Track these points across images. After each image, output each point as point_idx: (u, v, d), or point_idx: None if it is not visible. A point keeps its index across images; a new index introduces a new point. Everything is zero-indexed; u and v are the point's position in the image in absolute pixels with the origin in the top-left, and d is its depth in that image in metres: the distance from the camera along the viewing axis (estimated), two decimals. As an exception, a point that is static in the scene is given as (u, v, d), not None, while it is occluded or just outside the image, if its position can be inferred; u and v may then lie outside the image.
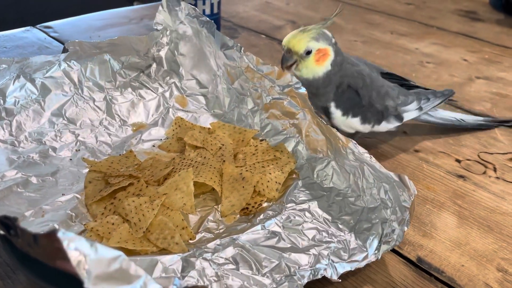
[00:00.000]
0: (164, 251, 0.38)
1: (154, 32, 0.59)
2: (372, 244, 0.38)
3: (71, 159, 0.49)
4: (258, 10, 0.98)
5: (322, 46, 0.48)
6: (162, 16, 0.58)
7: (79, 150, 0.50)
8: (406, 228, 0.38)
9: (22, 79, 0.52)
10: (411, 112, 0.53)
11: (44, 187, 0.44)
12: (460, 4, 1.07)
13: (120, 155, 0.49)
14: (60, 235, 0.22)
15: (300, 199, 0.44)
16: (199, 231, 0.41)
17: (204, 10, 0.75)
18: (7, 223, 0.26)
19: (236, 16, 0.95)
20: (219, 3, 0.77)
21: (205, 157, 0.47)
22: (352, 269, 0.36)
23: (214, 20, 0.74)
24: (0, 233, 0.29)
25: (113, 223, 0.40)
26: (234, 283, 0.35)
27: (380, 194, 0.41)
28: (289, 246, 0.39)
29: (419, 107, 0.53)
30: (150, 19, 0.89)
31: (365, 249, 0.38)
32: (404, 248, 0.41)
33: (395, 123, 0.52)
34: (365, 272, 0.38)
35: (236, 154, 0.49)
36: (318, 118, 0.47)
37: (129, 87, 0.57)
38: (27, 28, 0.82)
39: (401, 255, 0.40)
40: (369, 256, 0.37)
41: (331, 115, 0.50)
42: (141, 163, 0.47)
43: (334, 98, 0.49)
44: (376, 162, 0.42)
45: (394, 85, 0.53)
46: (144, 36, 0.59)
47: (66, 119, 0.52)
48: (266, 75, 0.51)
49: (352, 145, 0.43)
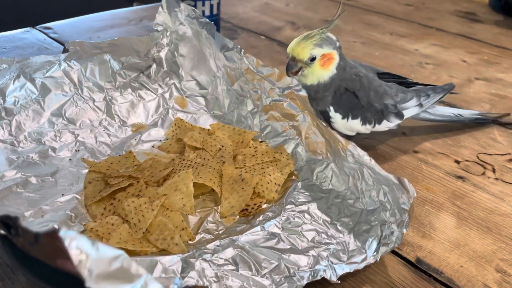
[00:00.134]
0: (163, 252, 0.38)
1: (154, 33, 0.59)
2: (371, 246, 0.38)
3: (70, 160, 0.49)
4: (258, 11, 0.98)
5: (326, 51, 0.48)
6: (162, 17, 0.59)
7: (78, 151, 0.50)
8: (405, 230, 0.38)
9: (22, 79, 0.52)
10: (411, 109, 0.53)
11: (44, 188, 0.44)
12: (459, 5, 1.08)
13: (119, 155, 0.49)
14: (61, 234, 0.23)
15: (300, 200, 0.44)
16: (199, 232, 0.41)
17: (203, 11, 0.75)
18: (8, 222, 0.26)
19: (236, 17, 0.95)
20: (219, 4, 0.77)
21: (204, 158, 0.47)
22: (351, 270, 0.37)
23: (214, 21, 0.74)
24: (0, 233, 0.29)
25: (112, 224, 0.40)
26: (233, 284, 0.35)
27: (379, 196, 0.41)
28: (288, 247, 0.39)
29: (419, 104, 0.53)
30: (149, 20, 0.89)
31: (364, 250, 0.38)
32: (403, 249, 0.41)
33: (396, 121, 0.52)
34: (364, 273, 0.38)
35: (235, 155, 0.49)
36: (318, 120, 0.47)
37: (129, 87, 0.57)
38: (27, 29, 0.82)
39: (400, 256, 0.40)
40: (368, 257, 0.38)
41: (331, 120, 0.50)
42: (140, 164, 0.47)
43: (332, 102, 0.49)
44: (376, 165, 0.42)
45: (392, 83, 0.53)
46: (144, 37, 0.59)
47: (65, 119, 0.52)
48: (266, 77, 0.51)
49: (352, 147, 0.43)
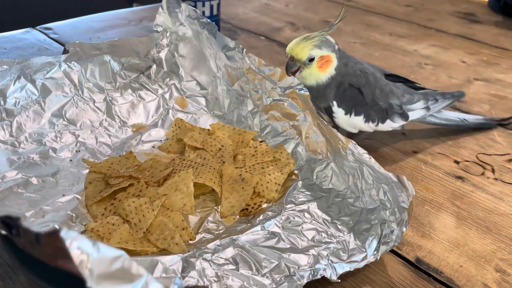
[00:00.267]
0: (164, 252, 0.38)
1: (154, 34, 0.59)
2: (371, 244, 0.39)
3: (71, 160, 0.49)
4: (258, 12, 0.98)
5: (325, 53, 0.48)
6: (162, 18, 0.59)
7: (79, 151, 0.50)
8: (405, 229, 0.38)
9: (22, 80, 0.52)
10: (417, 111, 0.52)
11: (45, 188, 0.44)
12: (458, 6, 1.08)
13: (120, 156, 0.49)
14: (62, 234, 0.23)
15: (300, 200, 0.44)
16: (199, 231, 0.41)
17: (203, 12, 0.76)
18: (9, 222, 0.27)
19: (236, 18, 0.95)
20: (219, 5, 0.78)
21: (204, 158, 0.47)
22: (351, 269, 0.37)
23: (214, 22, 0.74)
24: (1, 233, 0.29)
25: (113, 224, 0.40)
26: (234, 283, 0.35)
27: (379, 195, 0.41)
28: (288, 246, 0.39)
29: (426, 107, 0.53)
30: (149, 21, 0.89)
31: (364, 249, 0.38)
32: (403, 249, 0.41)
33: (400, 121, 0.51)
34: (364, 272, 0.39)
35: (235, 155, 0.49)
36: (319, 119, 0.47)
37: (129, 88, 0.57)
38: (27, 29, 0.82)
39: (400, 256, 0.41)
40: (368, 256, 0.38)
41: (333, 115, 0.50)
42: (141, 164, 0.47)
43: (335, 97, 0.49)
44: (375, 163, 0.42)
45: (400, 84, 0.53)
46: (144, 37, 0.59)
47: (66, 120, 0.52)
48: (267, 76, 0.51)
49: (352, 145, 0.44)
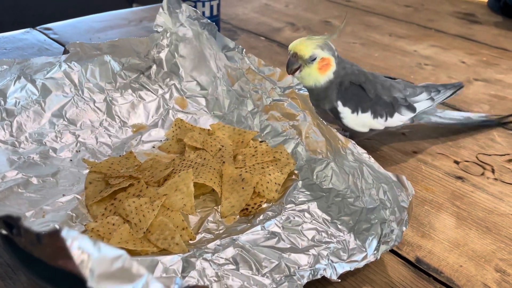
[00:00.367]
0: (164, 252, 0.38)
1: (155, 34, 0.59)
2: (371, 244, 0.39)
3: (71, 160, 0.49)
4: (258, 12, 0.99)
5: (326, 55, 0.49)
6: (163, 18, 0.59)
7: (79, 151, 0.50)
8: (405, 228, 0.38)
9: (23, 80, 0.52)
10: (422, 102, 0.52)
11: (45, 188, 0.44)
12: (458, 7, 1.08)
13: (120, 156, 0.49)
14: (63, 233, 0.23)
15: (300, 200, 0.44)
16: (199, 231, 0.41)
17: (203, 12, 0.76)
18: (10, 222, 0.27)
19: (236, 18, 0.95)
20: (219, 5, 0.78)
21: (205, 158, 0.47)
22: (351, 269, 0.37)
23: (214, 22, 0.75)
24: (2, 232, 0.29)
25: (113, 224, 0.40)
26: (234, 283, 0.35)
27: (379, 194, 0.41)
28: (288, 246, 0.39)
29: (430, 98, 0.53)
30: (149, 21, 0.89)
31: (364, 249, 0.38)
32: (403, 249, 0.41)
33: (408, 114, 0.51)
34: (364, 272, 0.39)
35: (235, 155, 0.49)
36: (319, 119, 0.47)
37: (129, 88, 0.57)
38: (27, 29, 0.82)
39: (400, 256, 0.41)
40: (368, 256, 0.38)
41: (340, 115, 0.50)
42: (141, 164, 0.48)
43: (338, 97, 0.49)
44: (375, 163, 0.42)
45: (399, 79, 0.53)
46: (145, 38, 0.59)
47: (66, 120, 0.52)
48: (267, 76, 0.51)
49: (351, 145, 0.44)
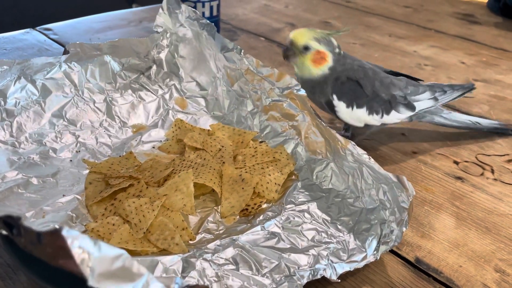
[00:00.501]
0: (164, 252, 0.38)
1: (155, 34, 0.59)
2: (371, 244, 0.39)
3: (71, 160, 0.49)
4: (257, 13, 0.99)
5: (322, 49, 0.49)
6: (163, 19, 0.59)
7: (79, 151, 0.50)
8: (405, 229, 0.38)
9: (23, 80, 0.52)
10: (423, 102, 0.51)
11: (45, 188, 0.45)
12: (458, 7, 1.08)
13: (120, 156, 0.49)
14: (64, 233, 0.23)
15: (300, 200, 0.44)
16: (199, 232, 0.41)
17: (203, 13, 0.76)
18: (10, 222, 0.27)
19: (235, 18, 0.95)
20: (219, 6, 0.78)
21: (204, 158, 0.47)
22: (351, 269, 0.37)
23: (214, 23, 0.75)
24: (2, 233, 0.29)
25: (113, 224, 0.40)
26: (234, 283, 0.35)
27: (379, 195, 0.41)
28: (288, 246, 0.39)
29: (434, 97, 0.52)
30: (149, 22, 0.89)
31: (364, 249, 0.38)
32: (403, 249, 0.41)
33: (406, 112, 0.51)
34: (364, 272, 0.39)
35: (235, 155, 0.49)
36: (318, 119, 0.47)
37: (129, 88, 0.57)
38: (27, 30, 0.82)
39: (399, 256, 0.41)
40: (368, 256, 0.38)
41: (335, 109, 0.50)
42: (141, 165, 0.48)
43: (334, 91, 0.49)
44: (375, 163, 0.42)
45: (402, 77, 0.52)
46: (145, 38, 0.59)
47: (66, 120, 0.52)
48: (266, 77, 0.51)
49: (351, 146, 0.44)
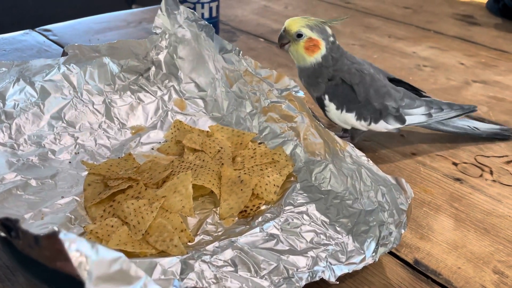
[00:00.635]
0: (163, 254, 0.38)
1: (153, 36, 0.59)
2: (369, 246, 0.39)
3: (70, 162, 0.49)
4: (257, 14, 0.99)
5: (314, 36, 0.49)
6: (161, 20, 0.59)
7: (78, 153, 0.50)
8: (403, 231, 0.38)
9: (21, 82, 0.52)
10: (416, 116, 0.51)
11: (44, 190, 0.45)
12: (457, 8, 1.08)
13: (119, 158, 0.49)
14: (61, 236, 0.23)
15: (298, 201, 0.44)
16: (198, 233, 0.41)
17: (202, 14, 0.76)
18: (8, 224, 0.27)
19: (235, 19, 0.95)
20: (218, 7, 0.78)
21: (203, 160, 0.47)
22: (350, 271, 0.37)
23: (213, 24, 0.75)
24: (0, 235, 0.29)
25: (112, 226, 0.40)
26: (232, 285, 0.35)
27: (377, 197, 0.41)
28: (287, 248, 0.39)
29: (428, 114, 0.51)
30: (148, 23, 0.89)
31: (362, 251, 0.38)
32: (401, 251, 0.41)
33: (395, 124, 0.51)
34: (362, 274, 0.39)
35: (234, 157, 0.49)
36: (316, 121, 0.47)
37: (128, 90, 0.57)
38: (26, 31, 0.82)
39: (398, 258, 0.41)
40: (366, 258, 0.38)
41: (325, 108, 0.51)
42: (140, 166, 0.48)
43: (327, 91, 0.50)
44: (374, 165, 0.42)
45: (402, 88, 0.52)
46: (143, 39, 0.59)
47: (65, 122, 0.53)
48: (264, 78, 0.51)
49: (350, 148, 0.44)
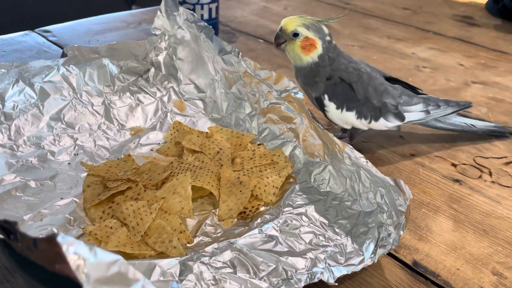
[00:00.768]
0: (162, 255, 0.38)
1: (153, 37, 0.59)
2: (368, 248, 0.39)
3: (69, 163, 0.49)
4: (256, 15, 0.99)
5: (310, 35, 0.49)
6: (161, 21, 0.59)
7: (77, 154, 0.50)
8: (402, 232, 0.38)
9: (21, 84, 0.52)
10: (414, 113, 0.51)
11: (43, 191, 0.45)
12: (456, 9, 1.08)
13: (118, 159, 0.49)
14: (59, 239, 0.23)
15: (297, 203, 0.44)
16: (197, 235, 0.41)
17: (202, 15, 0.76)
18: (6, 227, 0.27)
19: (234, 20, 0.95)
20: (217, 8, 0.78)
21: (203, 161, 0.47)
22: (349, 272, 0.37)
23: (212, 25, 0.75)
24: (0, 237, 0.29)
25: (111, 227, 0.40)
26: (231, 286, 0.35)
27: (376, 198, 0.41)
28: (286, 250, 0.39)
29: (426, 110, 0.52)
30: (148, 24, 0.89)
31: (361, 253, 0.38)
32: (400, 252, 0.41)
33: (395, 121, 0.51)
34: (361, 275, 0.39)
35: (233, 158, 0.49)
36: (315, 122, 0.47)
37: (127, 91, 0.57)
38: (26, 32, 0.82)
39: (397, 259, 0.41)
40: (365, 260, 0.38)
41: (325, 108, 0.50)
42: (139, 167, 0.48)
43: (326, 90, 0.50)
44: (372, 167, 0.42)
45: (398, 86, 0.52)
46: (143, 41, 0.59)
47: (64, 123, 0.53)
48: (263, 80, 0.52)
49: (349, 149, 0.44)
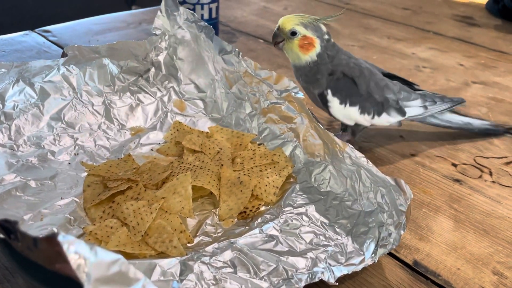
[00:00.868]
0: (162, 255, 0.38)
1: (153, 37, 0.59)
2: (369, 247, 0.39)
3: (69, 163, 0.49)
4: (256, 15, 0.99)
5: (309, 34, 0.49)
6: (161, 21, 0.59)
7: (77, 154, 0.50)
8: (403, 232, 0.38)
9: (21, 83, 0.52)
10: (414, 108, 0.52)
11: (43, 191, 0.45)
12: (456, 9, 1.08)
13: (118, 159, 0.49)
14: (60, 238, 0.23)
15: (298, 203, 0.44)
16: (197, 234, 0.41)
17: (202, 15, 0.76)
18: (7, 226, 0.27)
19: (234, 20, 0.95)
20: (218, 8, 0.78)
21: (203, 161, 0.47)
22: (349, 272, 0.37)
23: (213, 25, 0.75)
24: (0, 236, 0.29)
25: (111, 227, 0.40)
26: (232, 286, 0.35)
27: (377, 198, 0.41)
28: (286, 249, 0.39)
29: (424, 106, 0.52)
30: (148, 24, 0.89)
31: (362, 252, 0.38)
32: (401, 252, 0.41)
33: (397, 116, 0.51)
34: (362, 275, 0.39)
35: (234, 158, 0.49)
36: (316, 122, 0.47)
37: (127, 91, 0.57)
38: (26, 32, 0.82)
39: (397, 259, 0.41)
40: (366, 259, 0.38)
41: (328, 104, 0.50)
42: (139, 167, 0.48)
43: (329, 86, 0.50)
44: (373, 166, 0.42)
45: (397, 82, 0.53)
46: (143, 40, 0.59)
47: (64, 123, 0.53)
48: (264, 79, 0.52)
49: (349, 149, 0.44)
